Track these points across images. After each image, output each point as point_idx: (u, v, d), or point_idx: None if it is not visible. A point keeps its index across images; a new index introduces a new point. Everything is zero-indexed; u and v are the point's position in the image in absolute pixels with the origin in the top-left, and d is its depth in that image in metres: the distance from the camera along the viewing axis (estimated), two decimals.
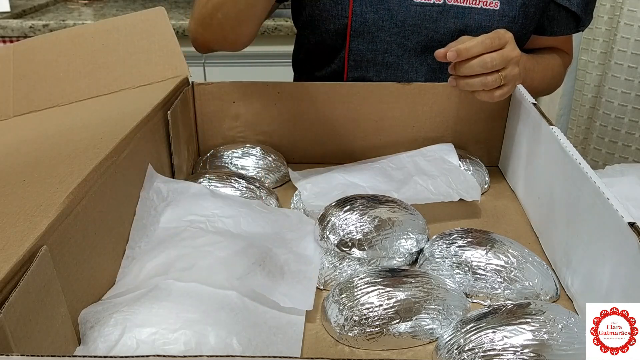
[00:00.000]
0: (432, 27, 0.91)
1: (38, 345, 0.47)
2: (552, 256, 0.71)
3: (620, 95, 1.58)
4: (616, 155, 1.64)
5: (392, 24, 0.92)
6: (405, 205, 0.71)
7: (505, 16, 0.91)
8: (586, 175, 0.61)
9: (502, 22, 0.91)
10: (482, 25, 0.91)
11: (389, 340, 0.56)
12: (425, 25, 0.91)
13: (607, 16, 1.61)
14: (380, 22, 0.92)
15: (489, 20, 0.91)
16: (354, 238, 0.66)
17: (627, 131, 1.60)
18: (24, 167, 0.61)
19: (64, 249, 0.53)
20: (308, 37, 1.01)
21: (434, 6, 0.90)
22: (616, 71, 1.57)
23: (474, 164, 0.89)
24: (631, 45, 1.53)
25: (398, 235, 0.67)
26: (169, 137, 0.82)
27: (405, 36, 0.92)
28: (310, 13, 0.96)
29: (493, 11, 0.91)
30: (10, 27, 1.83)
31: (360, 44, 0.94)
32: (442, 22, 0.91)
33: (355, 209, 0.68)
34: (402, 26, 0.91)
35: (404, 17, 0.91)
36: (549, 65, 1.00)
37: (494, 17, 0.91)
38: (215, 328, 0.53)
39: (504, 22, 0.92)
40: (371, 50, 0.94)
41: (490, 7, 0.90)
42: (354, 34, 0.93)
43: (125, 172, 0.68)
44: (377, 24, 0.92)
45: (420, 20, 0.91)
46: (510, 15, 0.91)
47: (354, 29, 0.93)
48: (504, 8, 0.91)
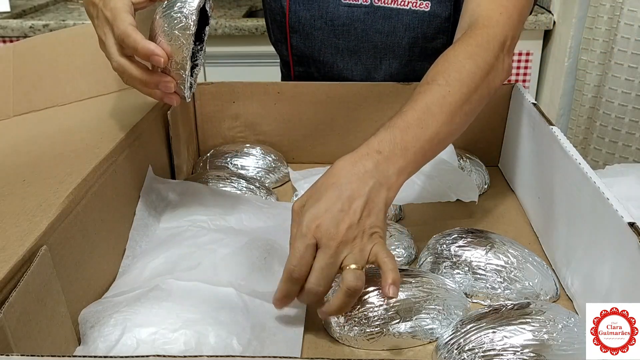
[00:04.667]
0: (361, 27, 0.90)
1: (38, 345, 0.47)
2: (552, 256, 0.71)
3: (621, 95, 1.58)
4: (616, 155, 1.64)
5: (323, 22, 0.91)
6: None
7: (436, 17, 0.88)
8: (586, 175, 0.61)
9: (434, 23, 0.89)
10: (411, 26, 0.89)
11: (389, 340, 0.56)
12: (355, 26, 0.90)
13: (607, 16, 1.61)
14: (313, 20, 0.92)
15: (419, 21, 0.89)
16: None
17: (627, 131, 1.60)
18: (24, 167, 0.61)
19: (64, 249, 0.53)
20: (268, 22, 1.03)
21: (361, 7, 0.89)
22: (616, 71, 1.57)
23: (474, 164, 0.89)
24: (631, 45, 1.53)
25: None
26: (169, 137, 0.82)
27: (337, 35, 0.92)
28: (266, 2, 0.97)
29: (423, 12, 0.88)
30: (10, 27, 1.83)
31: (299, 40, 0.95)
32: (370, 23, 0.90)
33: None
34: (332, 25, 0.91)
35: (333, 17, 0.91)
36: (454, 85, 0.64)
37: (423, 19, 0.88)
38: (215, 328, 0.53)
39: (435, 23, 0.89)
40: (308, 47, 0.95)
41: (420, 8, 0.88)
42: (292, 30, 0.94)
43: (125, 172, 0.68)
44: (310, 22, 0.92)
45: (349, 20, 0.90)
46: (442, 15, 0.88)
47: (291, 25, 0.93)
48: (435, 9, 0.88)
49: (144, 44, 0.56)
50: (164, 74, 0.60)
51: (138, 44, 0.56)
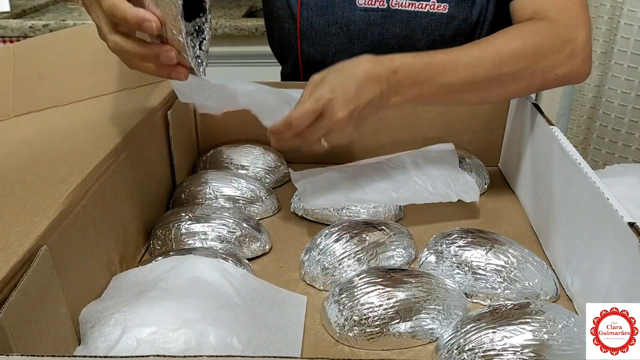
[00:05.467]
0: (378, 31, 0.90)
1: (38, 345, 0.47)
2: (552, 256, 0.71)
3: (620, 95, 1.58)
4: (616, 155, 1.64)
5: (338, 28, 0.91)
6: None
7: (454, 19, 0.88)
8: (586, 175, 0.61)
9: (452, 25, 0.88)
10: (429, 29, 0.89)
11: (389, 340, 0.56)
12: (371, 30, 0.90)
13: (607, 16, 1.61)
14: (327, 26, 0.91)
15: (437, 24, 0.88)
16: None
17: (627, 131, 1.60)
18: (24, 167, 0.61)
19: (64, 249, 0.53)
20: (271, 29, 1.02)
21: (378, 11, 0.89)
22: (616, 71, 1.57)
23: (474, 164, 0.89)
24: (631, 45, 1.53)
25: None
26: (169, 137, 0.82)
27: (352, 40, 0.92)
28: (270, 9, 0.97)
29: (441, 14, 0.87)
30: (10, 27, 1.83)
31: (311, 46, 0.94)
32: (387, 26, 0.90)
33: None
34: (348, 31, 0.91)
35: (349, 22, 0.90)
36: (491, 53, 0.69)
37: (442, 21, 0.88)
38: (215, 327, 0.53)
39: (453, 25, 0.88)
40: (321, 53, 0.94)
41: (438, 10, 0.87)
42: (303, 36, 0.94)
43: (125, 172, 0.68)
44: (324, 28, 0.92)
45: (365, 25, 0.90)
46: (460, 17, 0.88)
47: (303, 32, 0.93)
48: (452, 11, 0.87)
49: (133, 11, 0.54)
50: (163, 44, 0.57)
51: (127, 12, 0.54)
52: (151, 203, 0.77)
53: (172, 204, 0.83)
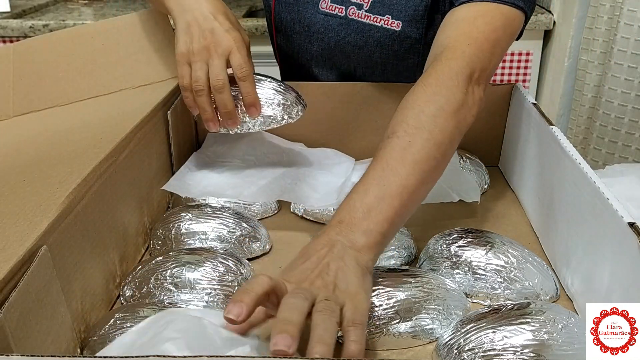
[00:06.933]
0: (335, 37, 0.91)
1: (38, 345, 0.47)
2: (552, 256, 0.71)
3: (620, 95, 1.58)
4: (616, 155, 1.64)
5: (301, 27, 0.93)
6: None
7: (407, 37, 0.87)
8: (586, 175, 0.61)
9: (404, 43, 0.88)
10: (383, 43, 0.89)
11: (389, 340, 0.56)
12: (329, 35, 0.91)
13: (607, 16, 1.61)
14: (292, 23, 0.94)
15: (389, 40, 0.88)
16: None
17: (627, 131, 1.60)
18: (24, 167, 0.62)
19: (64, 249, 0.53)
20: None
21: (336, 17, 0.89)
22: (616, 71, 1.57)
23: (474, 164, 0.89)
24: (631, 45, 1.52)
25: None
26: (169, 137, 0.82)
27: (311, 41, 0.93)
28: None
29: (394, 31, 0.87)
30: (10, 27, 1.83)
31: (282, 40, 0.98)
32: (344, 34, 0.90)
33: None
34: (309, 31, 0.93)
35: (310, 23, 0.92)
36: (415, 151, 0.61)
37: (394, 37, 0.88)
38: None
39: (406, 44, 0.88)
40: (289, 48, 0.97)
41: (391, 27, 0.87)
42: (277, 29, 0.97)
43: (125, 172, 0.68)
44: (289, 25, 0.94)
45: (323, 28, 0.91)
46: (413, 37, 0.87)
47: (276, 25, 0.96)
48: (405, 29, 0.86)
49: (256, 95, 0.80)
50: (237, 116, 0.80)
51: (253, 92, 0.80)
52: (151, 203, 0.77)
53: (172, 204, 0.83)
